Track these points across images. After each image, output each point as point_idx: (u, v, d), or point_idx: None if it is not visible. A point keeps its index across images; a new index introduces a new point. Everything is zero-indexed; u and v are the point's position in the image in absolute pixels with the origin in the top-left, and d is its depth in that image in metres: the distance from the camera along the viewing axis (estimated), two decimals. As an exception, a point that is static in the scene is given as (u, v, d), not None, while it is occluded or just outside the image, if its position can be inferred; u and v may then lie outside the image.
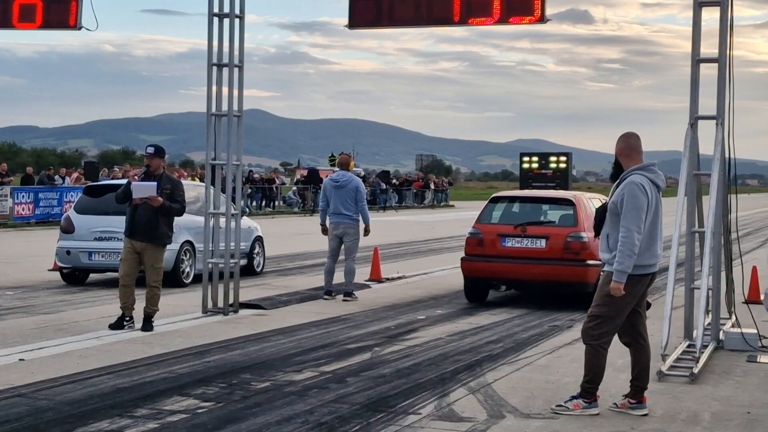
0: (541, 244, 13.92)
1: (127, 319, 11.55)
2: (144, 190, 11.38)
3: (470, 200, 77.34)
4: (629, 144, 7.97)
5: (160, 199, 11.34)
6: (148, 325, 11.51)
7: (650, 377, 8.08)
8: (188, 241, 16.12)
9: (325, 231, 15.21)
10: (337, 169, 15.69)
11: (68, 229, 16.32)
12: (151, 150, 11.65)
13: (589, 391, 7.79)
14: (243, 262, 17.08)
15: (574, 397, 7.83)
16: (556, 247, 13.80)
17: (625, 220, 7.60)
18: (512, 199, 15.22)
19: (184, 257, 16.17)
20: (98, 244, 15.89)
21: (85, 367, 9.26)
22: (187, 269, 16.25)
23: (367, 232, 15.26)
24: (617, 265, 7.58)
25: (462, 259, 14.62)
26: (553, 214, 14.74)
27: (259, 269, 18.58)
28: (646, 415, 7.73)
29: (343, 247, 14.92)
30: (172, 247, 15.23)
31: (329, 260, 14.98)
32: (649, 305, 8.23)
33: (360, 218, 15.00)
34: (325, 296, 14.83)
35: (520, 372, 9.48)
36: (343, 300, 14.68)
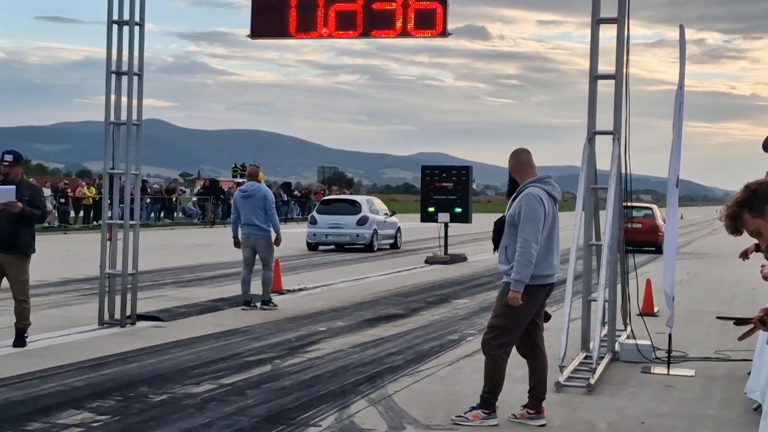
0: (640, 225, 29.59)
1: None
2: (1, 195, 10.93)
3: (371, 213, 77.55)
4: (520, 160, 8.13)
5: (19, 204, 10.73)
6: (20, 341, 10.97)
7: (548, 388, 8.18)
8: (375, 229, 30.09)
9: (237, 243, 15.30)
10: (247, 180, 15.79)
11: (313, 222, 30.57)
12: (9, 158, 10.94)
13: (488, 401, 7.87)
14: (389, 242, 31.37)
15: (473, 408, 7.88)
16: (646, 225, 30.68)
17: (523, 230, 7.70)
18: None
19: (374, 237, 29.92)
20: (330, 230, 29.97)
21: (-25, 381, 9.00)
22: (375, 244, 29.99)
23: (278, 241, 15.38)
24: (515, 275, 7.68)
25: None
26: (641, 213, 31.60)
27: (400, 247, 31.71)
28: (544, 425, 7.82)
29: (258, 257, 15.05)
30: (367, 230, 29.88)
31: (245, 270, 15.07)
32: (549, 317, 8.39)
33: (271, 228, 15.10)
34: (243, 307, 14.83)
35: (421, 384, 9.50)
36: (261, 308, 14.74)
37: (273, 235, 15.22)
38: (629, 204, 17.34)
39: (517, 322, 7.83)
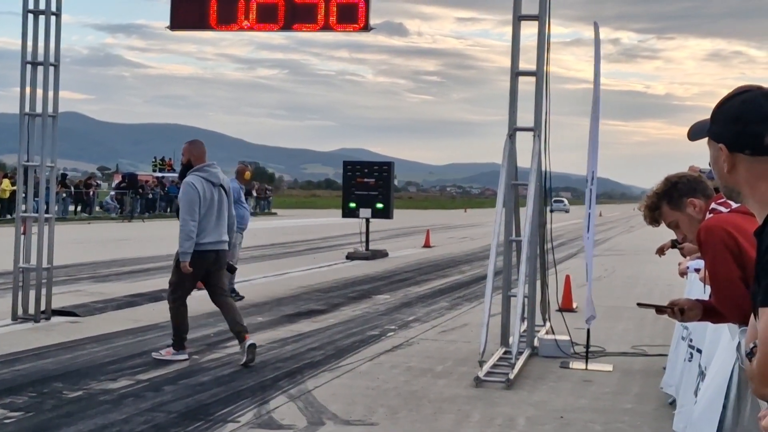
0: None
1: None
2: None
3: (293, 208, 77.30)
4: (196, 149, 10.04)
5: None
6: None
7: (468, 383, 8.19)
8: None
9: None
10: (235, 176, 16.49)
11: None
12: None
13: (178, 341, 9.91)
14: None
15: (168, 345, 9.97)
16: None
17: (181, 211, 9.59)
18: None
19: None
20: None
21: None
22: None
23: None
24: (179, 247, 9.60)
25: None
26: None
27: None
28: (253, 345, 9.76)
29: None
30: None
31: None
32: (234, 269, 11.11)
33: (245, 224, 15.73)
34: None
35: (341, 379, 9.47)
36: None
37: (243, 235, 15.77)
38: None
39: (182, 279, 9.80)
